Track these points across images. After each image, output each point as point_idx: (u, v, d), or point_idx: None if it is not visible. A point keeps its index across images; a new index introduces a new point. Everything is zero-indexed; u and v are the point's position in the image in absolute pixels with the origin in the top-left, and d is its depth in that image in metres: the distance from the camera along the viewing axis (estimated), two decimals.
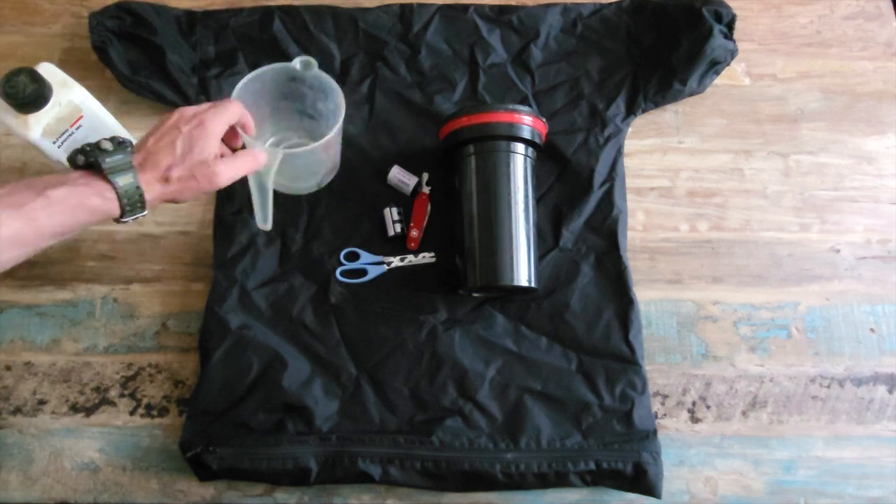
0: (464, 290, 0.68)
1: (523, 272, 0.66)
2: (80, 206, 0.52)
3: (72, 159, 0.55)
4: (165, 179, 0.55)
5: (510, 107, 0.67)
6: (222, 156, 0.59)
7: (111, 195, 0.53)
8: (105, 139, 0.54)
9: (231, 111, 0.59)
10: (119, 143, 0.54)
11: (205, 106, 0.59)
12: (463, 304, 0.69)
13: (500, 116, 0.67)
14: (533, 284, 0.66)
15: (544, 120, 0.70)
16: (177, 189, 0.56)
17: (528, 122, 0.68)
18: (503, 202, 0.67)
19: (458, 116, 0.68)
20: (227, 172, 0.57)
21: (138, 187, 0.53)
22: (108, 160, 0.53)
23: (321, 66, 0.64)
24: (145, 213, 0.55)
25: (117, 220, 0.55)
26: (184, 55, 0.76)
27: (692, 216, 0.75)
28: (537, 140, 0.69)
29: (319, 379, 0.66)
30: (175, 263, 0.72)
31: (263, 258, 0.70)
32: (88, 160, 0.54)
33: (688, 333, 0.71)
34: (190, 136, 0.56)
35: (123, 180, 0.53)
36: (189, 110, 0.58)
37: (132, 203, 0.53)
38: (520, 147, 0.68)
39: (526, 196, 0.68)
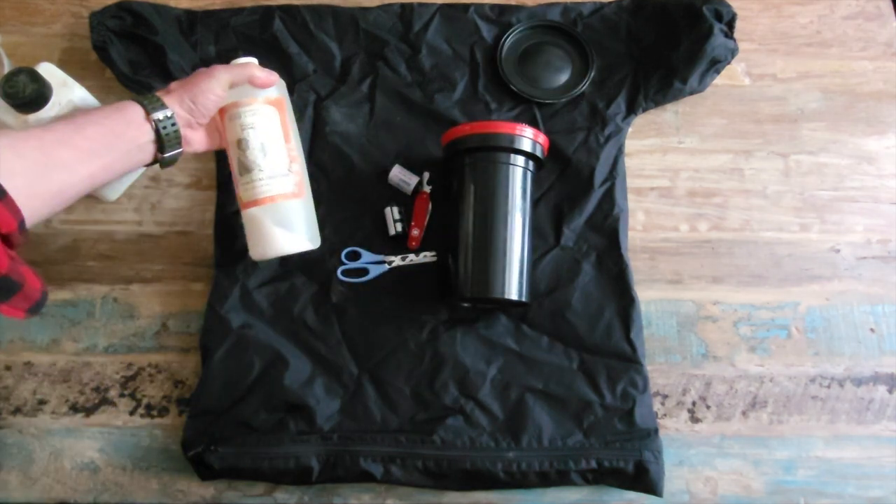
0: (453, 299, 0.68)
1: (514, 286, 0.65)
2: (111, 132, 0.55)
3: None
4: (168, 91, 0.59)
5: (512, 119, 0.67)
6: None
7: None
8: None
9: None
10: None
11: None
12: None
13: (502, 128, 0.67)
14: (524, 299, 0.66)
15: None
16: (179, 96, 0.59)
17: (528, 134, 0.67)
18: (500, 214, 0.66)
19: (460, 126, 0.68)
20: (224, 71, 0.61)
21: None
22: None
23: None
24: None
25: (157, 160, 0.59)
26: (184, 55, 0.76)
27: (692, 216, 0.75)
28: (538, 153, 0.68)
29: (321, 378, 0.66)
30: (175, 263, 0.72)
31: None
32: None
33: (688, 333, 0.71)
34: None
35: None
36: None
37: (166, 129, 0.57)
38: (520, 160, 0.68)
39: (524, 210, 0.67)
